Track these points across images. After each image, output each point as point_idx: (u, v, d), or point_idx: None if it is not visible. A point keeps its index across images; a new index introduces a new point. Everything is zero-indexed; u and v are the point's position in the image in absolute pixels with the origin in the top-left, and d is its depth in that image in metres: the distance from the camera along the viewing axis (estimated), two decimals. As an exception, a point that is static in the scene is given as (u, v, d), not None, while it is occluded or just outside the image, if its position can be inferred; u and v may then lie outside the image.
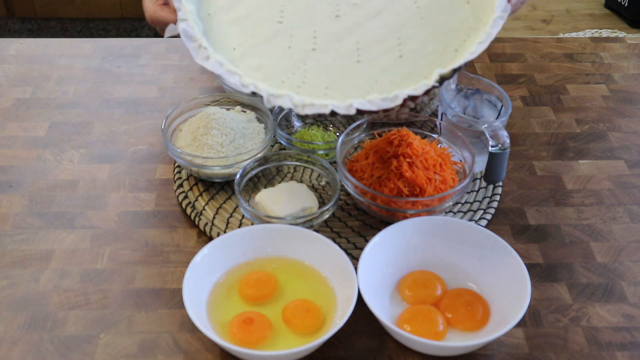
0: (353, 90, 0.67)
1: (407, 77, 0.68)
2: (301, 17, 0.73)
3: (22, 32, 2.92)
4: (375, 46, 0.70)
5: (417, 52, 0.69)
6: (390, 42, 0.70)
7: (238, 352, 0.66)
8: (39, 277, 0.78)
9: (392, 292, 0.76)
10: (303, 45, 0.71)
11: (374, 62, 0.69)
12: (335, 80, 0.68)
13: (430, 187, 0.81)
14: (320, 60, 0.70)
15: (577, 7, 2.28)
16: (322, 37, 0.71)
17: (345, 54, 0.70)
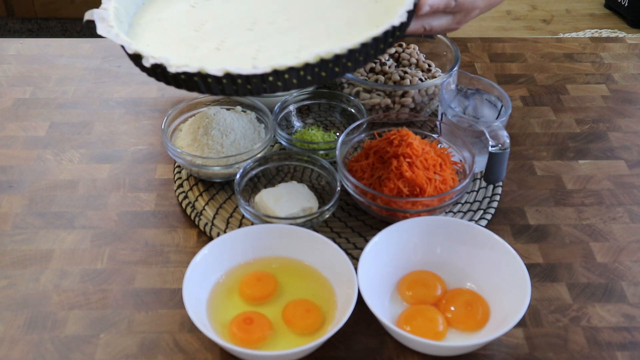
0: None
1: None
2: (217, 29, 0.78)
3: (22, 32, 2.92)
4: (275, 49, 0.73)
5: (314, 54, 0.71)
6: (291, 47, 0.73)
7: (238, 352, 0.66)
8: (39, 277, 0.78)
9: (392, 292, 0.76)
10: (209, 46, 0.75)
11: (269, 60, 0.70)
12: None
13: (430, 187, 0.81)
14: (221, 57, 0.73)
15: (577, 7, 2.29)
16: (229, 42, 0.75)
17: (245, 52, 0.73)
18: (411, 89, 0.95)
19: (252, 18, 0.79)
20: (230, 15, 0.80)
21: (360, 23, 0.76)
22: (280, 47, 0.73)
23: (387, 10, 0.75)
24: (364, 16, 0.77)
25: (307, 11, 0.79)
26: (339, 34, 0.74)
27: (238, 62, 0.70)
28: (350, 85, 0.98)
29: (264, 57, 0.72)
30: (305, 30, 0.76)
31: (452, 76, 0.94)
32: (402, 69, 1.00)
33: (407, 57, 1.02)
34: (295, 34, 0.75)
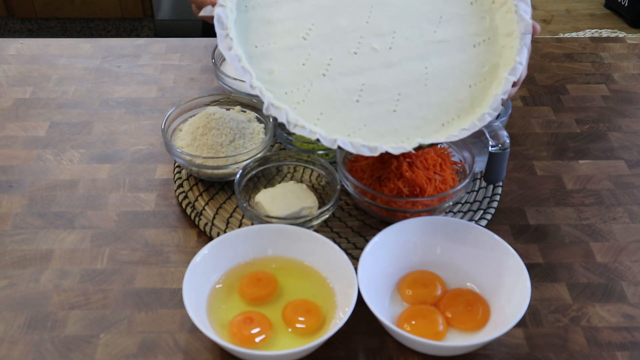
0: (342, 125, 0.73)
1: (391, 132, 0.73)
2: (324, 41, 0.77)
3: (22, 32, 2.92)
4: (376, 93, 0.75)
5: (409, 113, 0.74)
6: (391, 95, 0.75)
7: (238, 352, 0.66)
8: (39, 277, 0.78)
9: (392, 292, 0.76)
10: (316, 67, 0.75)
11: (369, 107, 0.74)
12: (331, 110, 0.73)
13: (430, 187, 0.81)
14: (326, 87, 0.74)
15: (577, 7, 2.29)
16: (335, 66, 0.76)
17: (348, 90, 0.75)
18: (411, 89, 0.95)
19: (357, 37, 0.77)
20: (337, 23, 0.78)
21: (458, 76, 0.76)
22: (380, 92, 0.74)
23: (486, 71, 0.76)
24: (462, 69, 0.77)
25: (410, 41, 0.78)
26: (436, 86, 0.75)
27: (342, 106, 0.73)
28: (350, 85, 0.98)
29: (365, 101, 0.74)
30: (406, 71, 0.76)
31: (452, 76, 0.94)
32: (402, 69, 1.00)
33: (407, 57, 1.02)
34: (397, 73, 0.76)
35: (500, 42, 0.78)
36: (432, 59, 0.77)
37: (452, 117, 0.74)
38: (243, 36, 0.76)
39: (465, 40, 0.78)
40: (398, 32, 0.78)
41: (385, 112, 0.73)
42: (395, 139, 0.72)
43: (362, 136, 0.72)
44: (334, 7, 0.80)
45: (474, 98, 0.76)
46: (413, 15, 0.80)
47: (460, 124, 0.73)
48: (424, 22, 0.79)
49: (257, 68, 0.74)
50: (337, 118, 0.73)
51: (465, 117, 0.74)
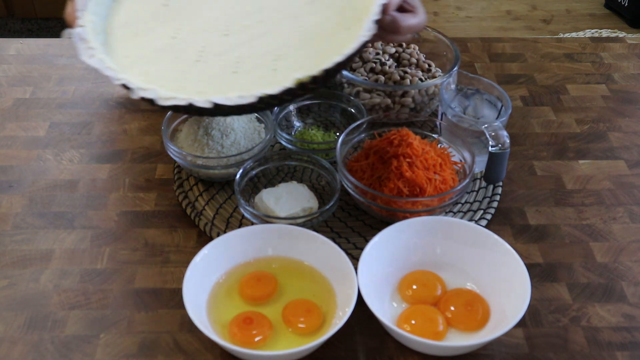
0: (221, 93, 0.71)
1: (271, 83, 0.72)
2: (194, 35, 0.78)
3: (22, 32, 2.92)
4: (253, 61, 0.75)
5: (290, 68, 0.74)
6: (268, 58, 0.75)
7: (238, 352, 0.66)
8: (39, 277, 0.78)
9: (392, 292, 0.76)
10: (189, 57, 0.76)
11: (249, 75, 0.73)
12: (209, 88, 0.73)
13: (430, 187, 0.81)
14: (203, 71, 0.74)
15: (577, 7, 2.29)
16: (208, 51, 0.76)
17: (224, 66, 0.75)
18: (411, 89, 0.95)
19: (226, 20, 0.79)
20: (204, 16, 0.80)
21: (332, 26, 0.77)
22: (257, 58, 0.75)
23: (357, 14, 0.76)
24: (335, 20, 0.78)
25: (279, 12, 0.80)
26: (311, 40, 0.76)
27: (221, 80, 0.73)
28: (350, 85, 0.98)
29: (243, 70, 0.74)
30: (279, 35, 0.77)
31: (452, 76, 0.94)
32: (402, 69, 1.00)
33: (407, 57, 1.02)
34: (270, 40, 0.77)
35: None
36: (303, 18, 0.78)
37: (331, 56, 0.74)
38: (111, 53, 0.76)
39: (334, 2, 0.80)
40: (266, 7, 0.80)
41: (267, 74, 0.73)
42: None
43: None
44: (199, 6, 0.81)
45: (352, 34, 0.75)
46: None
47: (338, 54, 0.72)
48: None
49: (130, 75, 0.73)
50: (218, 93, 0.71)
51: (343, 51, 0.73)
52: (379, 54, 1.02)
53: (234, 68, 0.74)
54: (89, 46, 0.74)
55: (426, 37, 1.06)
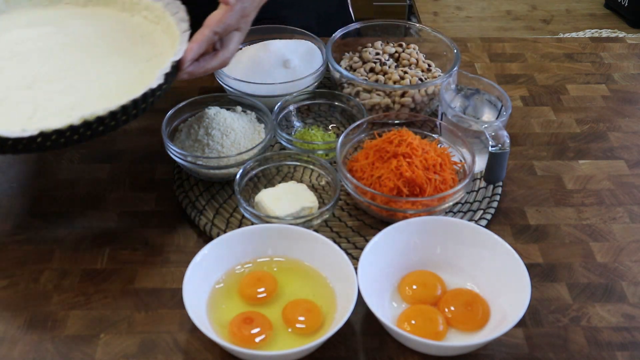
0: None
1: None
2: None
3: (22, 32, 2.91)
4: (50, 109, 0.79)
5: (83, 115, 0.75)
6: (66, 108, 0.79)
7: (238, 352, 0.66)
8: (39, 277, 0.78)
9: (392, 292, 0.76)
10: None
11: (46, 120, 0.77)
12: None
13: (430, 187, 0.81)
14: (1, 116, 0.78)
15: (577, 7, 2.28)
16: (9, 101, 0.80)
17: (22, 112, 0.78)
18: (411, 89, 0.95)
19: (32, 77, 0.83)
20: (11, 72, 0.84)
21: (130, 85, 0.82)
22: (55, 107, 0.79)
23: (153, 71, 0.80)
24: (134, 79, 0.84)
25: (86, 74, 0.84)
26: (109, 95, 0.81)
27: (12, 123, 0.76)
28: (350, 85, 0.98)
29: (40, 117, 0.77)
30: (81, 90, 0.82)
31: (452, 76, 0.94)
32: (402, 69, 1.00)
33: (407, 57, 1.02)
34: (72, 95, 0.81)
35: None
36: (105, 77, 0.84)
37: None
38: None
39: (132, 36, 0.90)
40: (72, 68, 0.85)
41: (61, 121, 0.74)
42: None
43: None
44: (5, 66, 0.86)
45: (147, 72, 0.84)
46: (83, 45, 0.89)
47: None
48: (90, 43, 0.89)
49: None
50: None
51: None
52: (379, 54, 1.02)
53: (30, 114, 0.78)
54: None
55: (426, 37, 1.06)
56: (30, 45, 0.88)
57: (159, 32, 0.91)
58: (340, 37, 1.04)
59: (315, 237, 0.76)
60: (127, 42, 0.90)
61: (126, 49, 0.89)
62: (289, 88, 0.97)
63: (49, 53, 0.88)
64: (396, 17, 1.47)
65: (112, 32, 0.92)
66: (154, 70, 0.80)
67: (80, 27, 0.93)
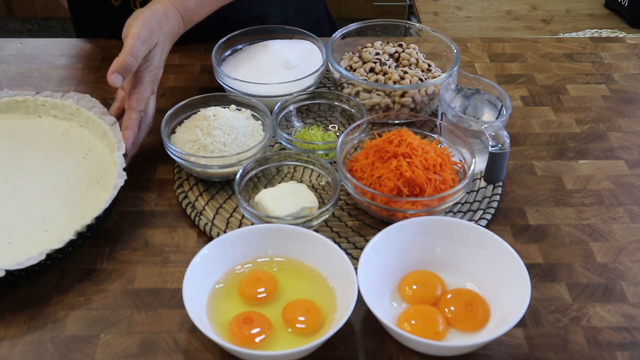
0: (7, 262, 0.74)
1: (48, 242, 0.77)
2: None
3: (22, 32, 2.92)
4: (24, 228, 0.81)
5: (59, 226, 0.81)
6: (37, 222, 0.82)
7: (238, 352, 0.66)
8: (39, 277, 0.78)
9: (392, 292, 0.76)
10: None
11: (25, 241, 0.79)
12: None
13: (430, 187, 0.81)
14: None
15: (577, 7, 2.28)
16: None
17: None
18: (411, 89, 0.95)
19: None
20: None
21: (85, 184, 0.87)
22: (26, 225, 0.82)
23: (102, 169, 0.89)
24: (85, 179, 0.87)
25: (36, 182, 0.87)
26: (70, 199, 0.85)
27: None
28: (350, 85, 0.98)
29: (16, 239, 0.79)
30: (41, 201, 0.84)
31: (452, 76, 0.94)
32: (402, 69, 1.00)
33: (407, 57, 1.02)
34: (33, 208, 0.84)
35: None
36: (55, 183, 0.87)
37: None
38: None
39: (76, 157, 0.91)
40: (17, 183, 0.87)
41: (41, 236, 0.80)
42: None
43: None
44: None
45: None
46: (24, 167, 0.89)
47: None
48: (35, 165, 0.90)
49: None
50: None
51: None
52: (379, 54, 1.02)
53: (7, 239, 0.79)
54: None
55: (426, 37, 1.06)
56: None
57: (76, 128, 0.94)
58: (340, 37, 1.04)
59: (315, 237, 0.76)
60: (53, 146, 0.91)
61: (56, 153, 0.90)
62: (289, 88, 0.97)
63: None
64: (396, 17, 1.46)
65: (30, 140, 0.92)
66: (101, 171, 0.87)
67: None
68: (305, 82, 0.98)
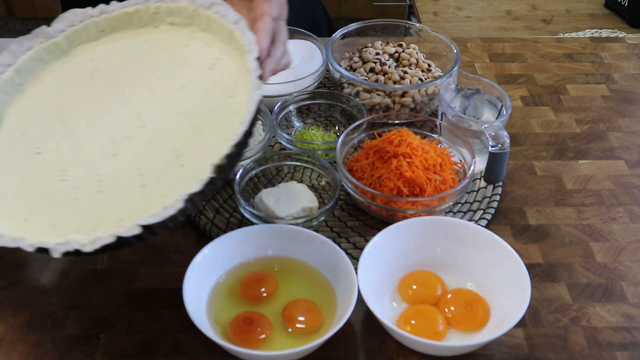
0: (145, 213, 0.64)
1: (186, 181, 0.66)
2: (83, 170, 0.70)
3: (22, 32, 2.92)
4: (156, 167, 0.69)
5: (197, 157, 0.68)
6: (169, 158, 0.69)
7: (238, 352, 0.66)
8: (39, 277, 0.78)
9: (392, 292, 0.76)
10: (89, 192, 0.69)
11: (159, 181, 0.67)
12: (127, 212, 0.66)
13: (430, 187, 0.81)
14: (109, 199, 0.68)
15: (577, 7, 2.28)
16: (105, 178, 0.69)
17: (130, 184, 0.68)
18: (411, 89, 0.95)
19: (109, 138, 0.72)
20: (86, 145, 0.73)
21: (215, 104, 0.72)
22: (158, 162, 0.69)
23: (233, 81, 0.72)
24: (216, 96, 0.73)
25: (157, 111, 0.74)
26: (202, 123, 0.71)
27: (132, 200, 0.67)
28: (350, 85, 0.98)
29: (151, 181, 0.68)
30: (169, 132, 0.72)
31: (452, 76, 0.94)
32: (402, 69, 1.00)
33: (407, 57, 1.02)
34: (162, 140, 0.71)
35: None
36: (184, 106, 0.73)
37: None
38: (5, 219, 0.68)
39: (202, 69, 0.75)
40: (141, 111, 0.74)
41: (178, 174, 0.68)
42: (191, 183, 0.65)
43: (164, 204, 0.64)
44: (77, 143, 0.74)
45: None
46: (147, 90, 0.75)
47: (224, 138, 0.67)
48: (158, 86, 0.75)
49: (37, 234, 0.67)
50: (135, 211, 0.66)
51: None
52: (379, 54, 1.02)
53: (140, 182, 0.68)
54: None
55: (426, 37, 1.06)
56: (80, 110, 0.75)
57: (198, 33, 0.78)
58: (340, 37, 1.04)
59: (315, 237, 0.76)
60: (176, 60, 0.77)
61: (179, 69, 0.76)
62: (289, 88, 0.97)
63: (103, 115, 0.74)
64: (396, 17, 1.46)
65: (151, 57, 0.78)
66: (231, 83, 0.71)
67: (113, 66, 0.78)
68: (305, 82, 0.98)
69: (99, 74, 0.78)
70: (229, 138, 0.65)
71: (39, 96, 0.78)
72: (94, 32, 0.80)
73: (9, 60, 0.78)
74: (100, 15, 0.80)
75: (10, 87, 0.78)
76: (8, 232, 0.66)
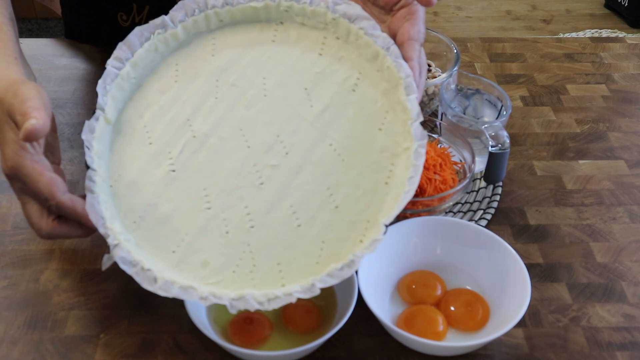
0: (304, 257, 0.64)
1: (351, 227, 0.64)
2: (227, 197, 0.67)
3: (22, 32, 2.91)
4: (309, 204, 0.66)
5: (351, 198, 0.66)
6: (322, 195, 0.65)
7: (238, 352, 0.66)
8: (39, 277, 0.78)
9: (392, 292, 0.76)
10: (240, 226, 0.66)
11: (314, 222, 0.65)
12: (284, 253, 0.65)
13: (430, 187, 0.81)
14: (262, 237, 0.65)
15: (577, 7, 2.29)
16: (255, 211, 0.66)
17: (283, 221, 0.65)
18: (411, 89, 0.95)
19: (250, 164, 0.68)
20: (225, 167, 0.69)
21: (364, 128, 0.68)
22: (310, 199, 0.66)
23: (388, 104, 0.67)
24: (368, 122, 0.69)
25: (298, 134, 0.69)
26: (352, 155, 0.67)
27: (289, 241, 0.65)
28: (350, 85, 0.98)
29: (305, 220, 0.65)
30: (317, 162, 0.67)
31: (452, 76, 0.94)
32: (402, 69, 1.00)
33: (407, 57, 1.02)
34: (310, 172, 0.67)
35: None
36: (328, 132, 0.69)
37: (389, 169, 0.66)
38: (154, 250, 0.67)
39: (342, 89, 0.71)
40: (281, 132, 0.69)
41: (331, 215, 0.64)
42: (358, 232, 0.63)
43: (328, 252, 0.63)
44: (213, 160, 0.69)
45: (391, 137, 0.67)
46: (283, 107, 0.70)
47: (401, 172, 0.65)
48: (296, 105, 0.70)
49: (189, 270, 0.66)
50: (296, 255, 0.64)
51: (398, 160, 0.66)
52: (379, 54, 1.02)
53: (295, 221, 0.64)
54: (142, 267, 0.64)
55: (426, 37, 1.05)
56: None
57: (333, 41, 0.72)
58: (340, 37, 1.03)
59: (316, 237, 0.76)
60: (308, 70, 0.71)
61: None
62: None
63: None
64: (396, 17, 1.48)
65: (279, 62, 0.73)
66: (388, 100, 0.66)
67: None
68: (305, 82, 0.97)
69: (225, 76, 0.73)
70: (382, 180, 0.63)
71: (156, 94, 0.73)
72: (215, 22, 0.75)
73: (126, 54, 0.73)
74: (224, 7, 0.74)
75: (126, 82, 0.72)
76: (160, 267, 0.64)
